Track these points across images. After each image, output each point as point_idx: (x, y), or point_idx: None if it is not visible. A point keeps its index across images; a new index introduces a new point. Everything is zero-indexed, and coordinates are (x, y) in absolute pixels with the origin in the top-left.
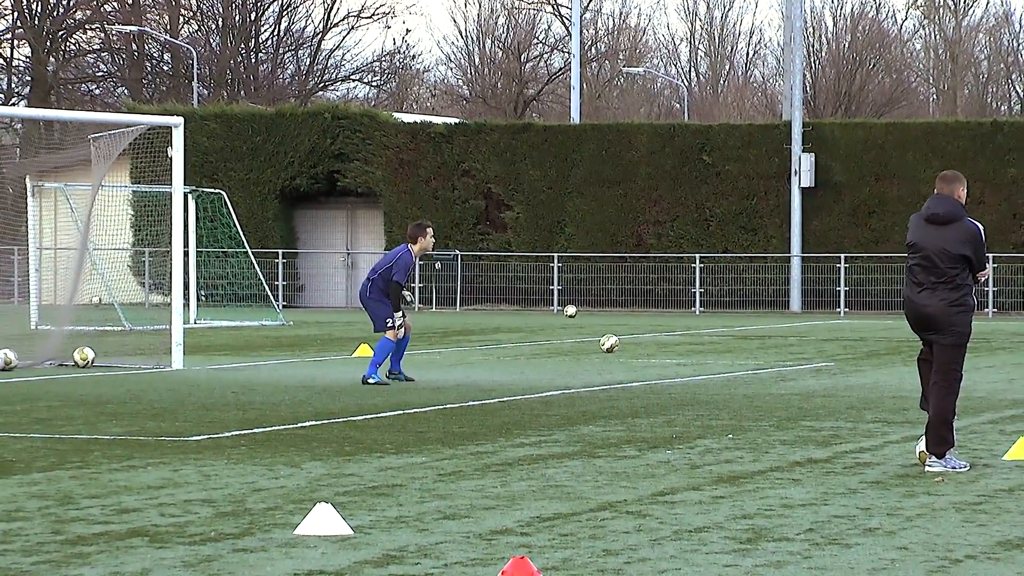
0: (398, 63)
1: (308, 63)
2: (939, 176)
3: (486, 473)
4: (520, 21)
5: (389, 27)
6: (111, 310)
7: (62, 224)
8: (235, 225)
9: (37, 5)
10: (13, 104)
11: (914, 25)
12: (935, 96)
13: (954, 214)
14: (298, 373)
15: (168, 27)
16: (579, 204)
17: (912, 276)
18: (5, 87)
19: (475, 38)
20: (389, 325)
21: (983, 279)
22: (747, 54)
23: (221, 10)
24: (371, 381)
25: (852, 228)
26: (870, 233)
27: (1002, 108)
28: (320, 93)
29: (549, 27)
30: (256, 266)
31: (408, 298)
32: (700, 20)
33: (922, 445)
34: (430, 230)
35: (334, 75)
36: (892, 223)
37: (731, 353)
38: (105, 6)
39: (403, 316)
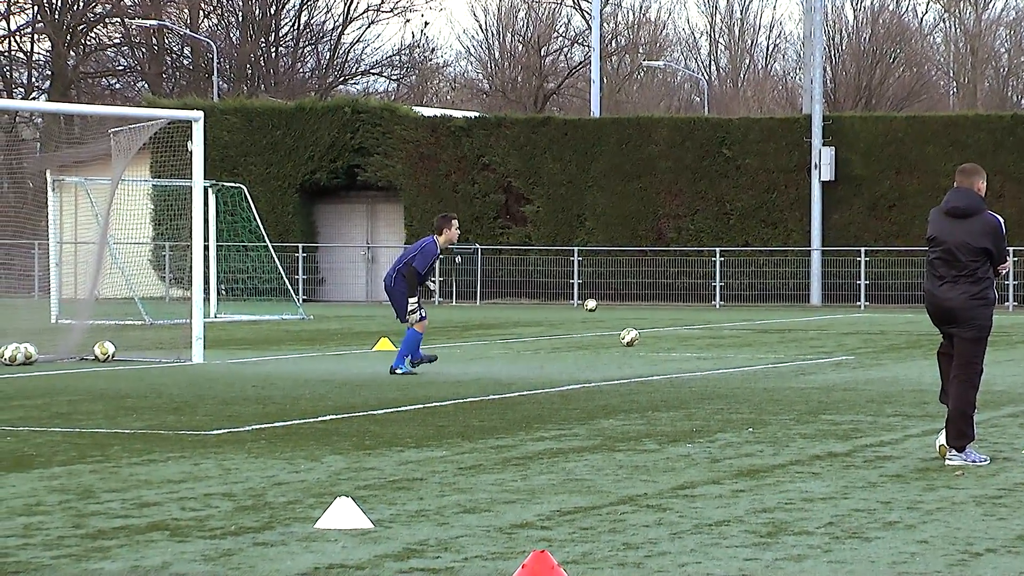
0: (417, 57)
1: (328, 57)
2: (958, 169)
3: (506, 467)
4: (540, 15)
5: (408, 21)
6: (131, 304)
7: (82, 219)
8: (255, 219)
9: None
10: (33, 98)
11: (934, 18)
12: (955, 89)
13: (974, 207)
14: (318, 367)
15: (188, 21)
16: (599, 198)
17: (933, 270)
18: (25, 81)
19: (495, 32)
20: (412, 316)
21: (1004, 272)
22: (767, 48)
23: (241, 4)
24: (398, 372)
25: (872, 221)
26: (890, 226)
27: (1022, 102)
28: (340, 87)
29: (569, 21)
30: (276, 260)
31: (430, 286)
32: (720, 14)
33: (942, 439)
34: (455, 222)
35: (354, 69)
36: (912, 216)
37: (751, 347)
38: (125, 0)
39: (417, 310)
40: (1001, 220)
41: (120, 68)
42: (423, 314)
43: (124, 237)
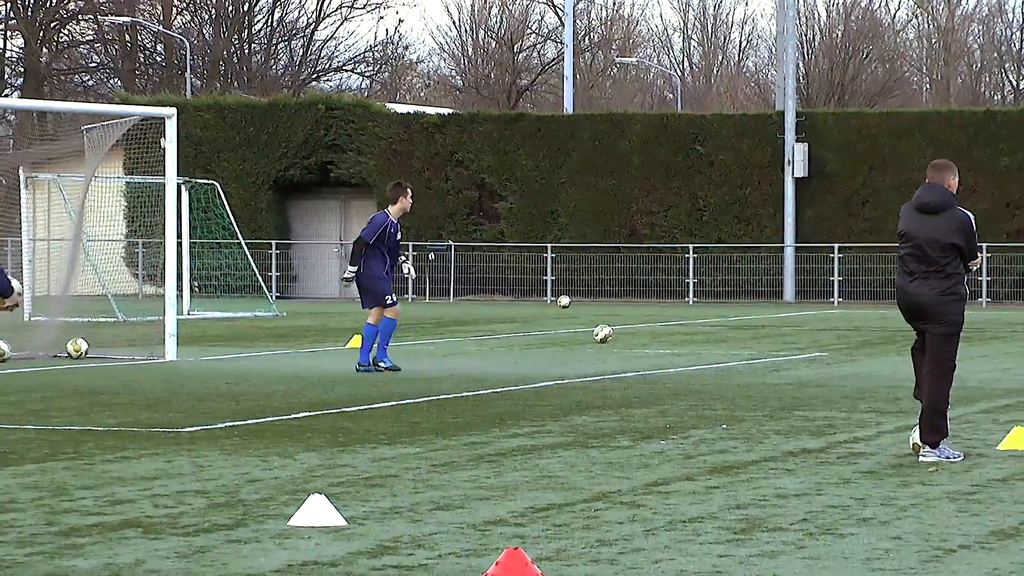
0: (391, 54)
1: (301, 54)
2: (930, 165)
3: (480, 464)
4: (513, 11)
5: (382, 17)
6: (104, 301)
7: (55, 215)
8: (228, 216)
9: None
10: (6, 95)
11: (907, 14)
12: (928, 85)
13: (944, 203)
14: (292, 364)
15: (161, 18)
16: (572, 194)
17: (904, 266)
18: None
19: (468, 28)
20: (388, 303)
21: (974, 268)
22: (740, 44)
23: (214, 0)
24: (382, 365)
25: (845, 218)
26: (863, 223)
27: (995, 97)
28: (313, 84)
29: (542, 17)
30: (249, 257)
31: (405, 270)
32: (693, 10)
33: (915, 436)
34: (409, 190)
35: (327, 66)
36: (886, 213)
37: (725, 343)
38: None
39: (353, 277)
40: (972, 216)
41: (93, 65)
42: (394, 299)
43: (97, 234)
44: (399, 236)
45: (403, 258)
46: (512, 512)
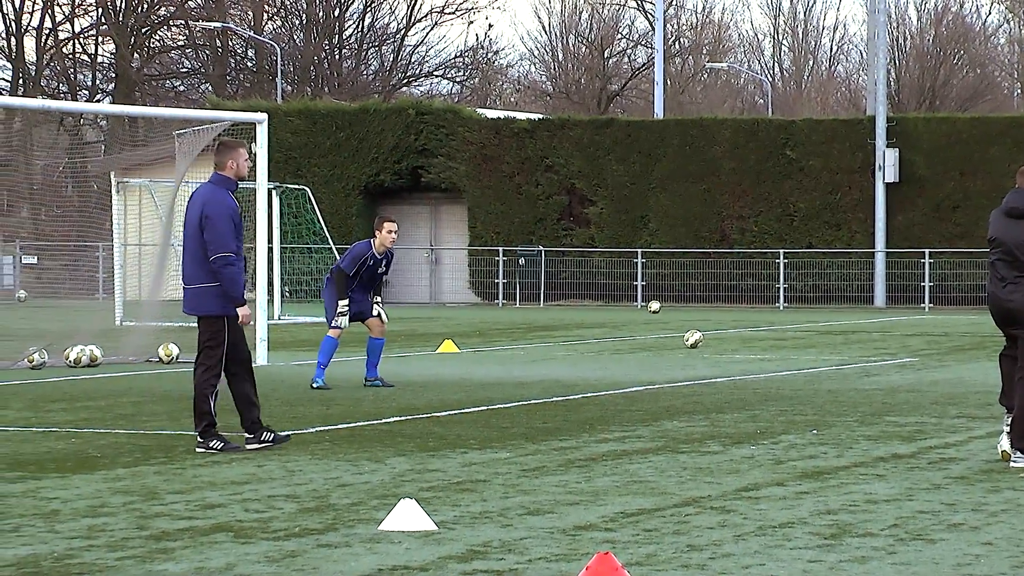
0: (481, 59)
1: (391, 59)
2: (1019, 171)
3: (569, 468)
4: (603, 16)
5: (472, 23)
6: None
7: (147, 221)
8: (319, 221)
9: (121, 2)
10: (98, 100)
11: (998, 20)
12: (1019, 90)
13: None
14: (381, 369)
15: (252, 23)
16: (662, 199)
17: (995, 271)
18: (90, 83)
19: (558, 33)
20: (340, 319)
21: None
22: (831, 49)
23: (305, 6)
24: (314, 386)
25: (936, 223)
26: (954, 228)
27: None
28: (403, 89)
29: (632, 22)
30: None
31: (375, 312)
32: (783, 15)
33: (1004, 443)
34: (387, 224)
35: (417, 71)
36: (976, 218)
37: (815, 348)
38: (189, 2)
39: (347, 312)
40: None
41: (184, 70)
42: (338, 324)
43: None
44: (383, 270)
45: (377, 299)
46: (602, 517)
